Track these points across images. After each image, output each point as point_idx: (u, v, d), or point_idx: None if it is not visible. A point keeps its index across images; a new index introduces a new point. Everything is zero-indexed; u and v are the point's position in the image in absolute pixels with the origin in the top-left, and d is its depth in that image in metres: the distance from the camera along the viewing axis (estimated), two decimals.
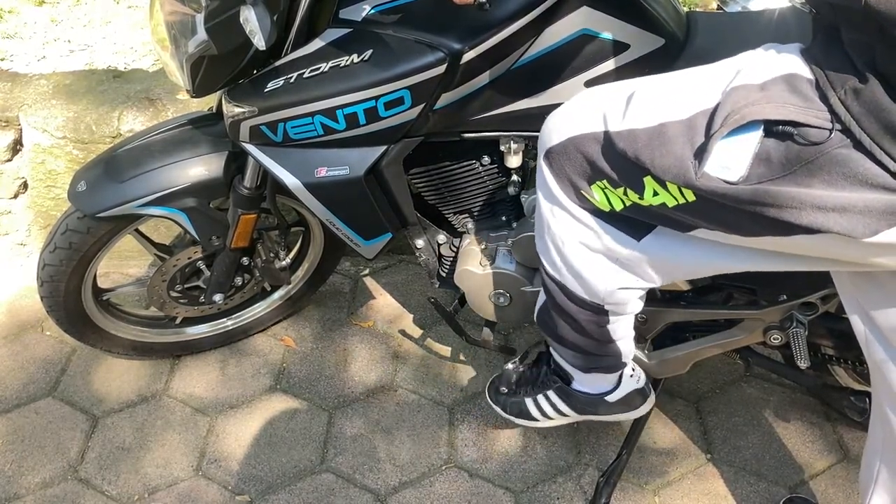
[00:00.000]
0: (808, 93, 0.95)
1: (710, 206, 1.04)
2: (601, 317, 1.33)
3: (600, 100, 1.17)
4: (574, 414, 1.61)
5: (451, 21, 1.32)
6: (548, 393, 1.61)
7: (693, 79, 1.09)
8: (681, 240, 1.17)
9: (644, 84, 1.14)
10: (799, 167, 0.94)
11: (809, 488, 1.74)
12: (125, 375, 1.97)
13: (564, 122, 1.20)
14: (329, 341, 2.08)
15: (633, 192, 1.12)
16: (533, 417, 1.66)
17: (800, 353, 1.49)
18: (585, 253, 1.25)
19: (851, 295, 1.17)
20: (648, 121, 1.06)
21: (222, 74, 1.42)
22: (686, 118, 1.03)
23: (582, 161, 1.16)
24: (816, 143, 0.93)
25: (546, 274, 1.35)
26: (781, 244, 1.06)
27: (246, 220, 1.69)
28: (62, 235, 1.66)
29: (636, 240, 1.21)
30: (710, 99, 1.02)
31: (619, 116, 1.10)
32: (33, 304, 2.11)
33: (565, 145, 1.18)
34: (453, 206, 1.65)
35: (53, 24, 2.91)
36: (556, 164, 1.21)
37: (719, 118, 0.98)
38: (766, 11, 1.50)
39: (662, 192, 1.07)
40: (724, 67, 1.06)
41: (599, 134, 1.13)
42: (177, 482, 1.74)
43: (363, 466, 1.77)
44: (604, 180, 1.15)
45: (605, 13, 1.34)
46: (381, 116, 1.38)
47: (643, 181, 1.09)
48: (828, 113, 0.93)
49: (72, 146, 2.10)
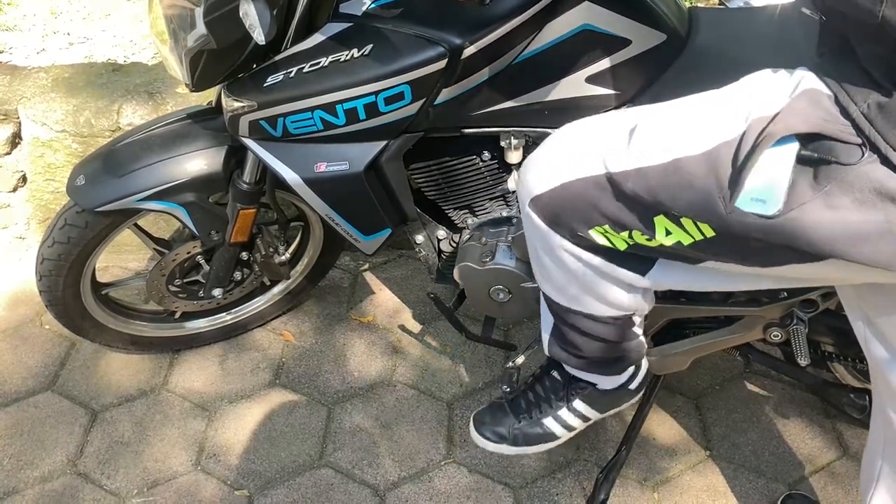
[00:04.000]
0: (830, 108, 0.92)
1: (732, 241, 1.00)
2: (629, 322, 1.33)
3: (590, 139, 1.12)
4: (597, 415, 1.55)
5: (452, 16, 1.32)
6: (573, 404, 1.53)
7: (702, 108, 1.04)
8: (689, 269, 1.15)
9: (643, 117, 1.09)
10: (829, 185, 0.91)
11: (809, 485, 1.74)
12: (124, 370, 1.97)
13: (551, 168, 1.15)
14: (328, 336, 2.08)
15: (639, 234, 1.08)
16: (555, 437, 1.55)
17: (800, 351, 1.49)
18: (600, 280, 1.23)
19: (852, 297, 1.17)
20: (660, 157, 1.01)
21: (222, 69, 1.42)
22: (705, 151, 0.98)
23: (580, 207, 1.11)
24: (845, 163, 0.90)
25: (564, 308, 1.30)
26: (804, 271, 1.02)
27: (245, 214, 1.69)
28: (61, 230, 1.65)
29: (641, 275, 1.20)
30: (730, 129, 0.97)
31: (622, 155, 1.05)
32: (32, 298, 2.10)
33: (557, 192, 1.13)
34: (453, 202, 1.64)
35: (53, 17, 2.90)
36: (548, 211, 1.16)
37: (746, 146, 0.94)
38: (767, 8, 1.49)
39: (677, 230, 1.03)
40: (733, 94, 1.02)
41: (601, 178, 1.07)
42: (176, 476, 1.74)
43: (362, 461, 1.77)
44: (605, 225, 1.11)
45: (607, 8, 1.34)
46: (381, 111, 1.38)
47: (654, 221, 1.05)
48: (852, 127, 0.90)
49: (71, 140, 2.09)
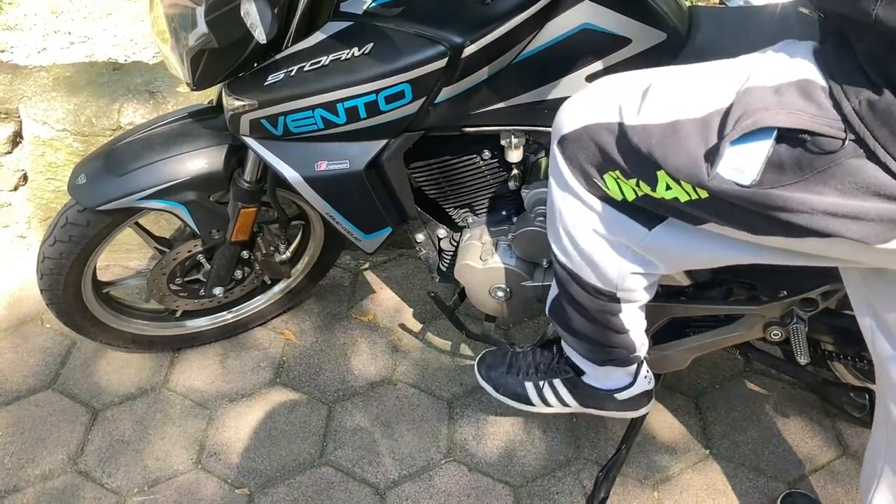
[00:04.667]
0: (822, 100, 0.93)
1: (723, 205, 1.03)
2: (613, 304, 1.33)
3: (617, 89, 1.16)
4: (576, 405, 1.59)
5: (453, 15, 1.32)
6: (554, 381, 1.58)
7: (708, 75, 1.08)
8: (692, 232, 1.16)
9: (660, 77, 1.13)
10: (811, 175, 0.94)
11: (809, 484, 1.74)
12: (125, 368, 1.97)
13: (580, 110, 1.19)
14: (329, 335, 2.08)
15: (645, 185, 1.11)
16: (530, 402, 1.63)
17: (800, 349, 1.49)
18: (597, 240, 1.25)
19: (860, 290, 1.17)
20: (663, 117, 1.06)
21: (223, 67, 1.42)
22: (700, 117, 1.02)
23: (595, 150, 1.16)
24: (829, 153, 0.92)
25: (557, 263, 1.34)
26: (792, 244, 1.05)
27: (246, 213, 1.69)
28: (62, 228, 1.66)
29: (647, 229, 1.21)
30: (725, 98, 1.01)
31: (635, 110, 1.10)
32: (33, 297, 2.10)
33: (579, 133, 1.17)
34: (454, 201, 1.65)
35: (54, 16, 2.91)
36: (570, 152, 1.20)
37: (731, 120, 0.97)
38: (768, 7, 1.49)
39: (676, 186, 1.07)
40: (738, 65, 1.05)
41: (614, 125, 1.12)
42: (176, 475, 1.74)
43: (362, 460, 1.78)
44: (616, 171, 1.14)
45: (607, 7, 1.34)
46: (381, 110, 1.38)
47: (656, 175, 1.08)
48: (841, 122, 0.92)
49: (72, 139, 2.09)
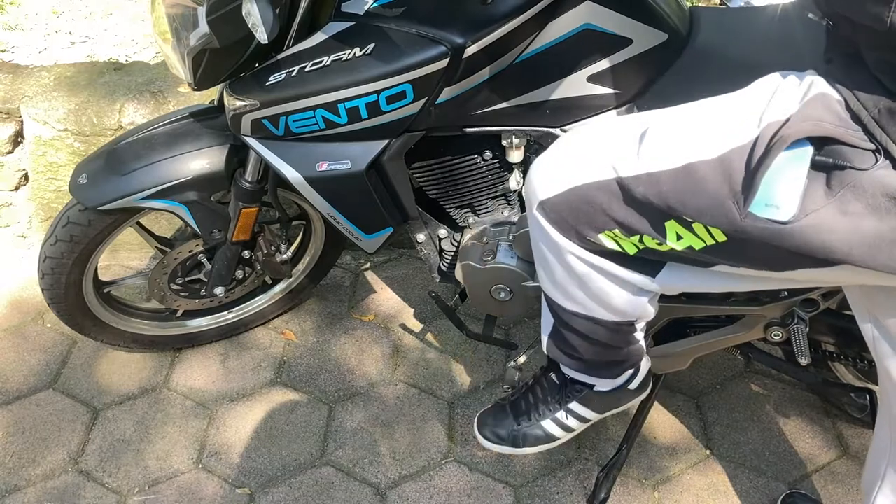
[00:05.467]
0: (842, 113, 0.92)
1: (744, 246, 1.00)
2: (630, 328, 1.32)
3: (600, 143, 1.12)
4: (596, 416, 1.55)
5: (454, 15, 1.32)
6: (570, 406, 1.52)
7: (714, 113, 1.04)
8: (700, 272, 1.15)
9: (654, 121, 1.09)
10: (842, 190, 0.91)
11: (809, 484, 1.74)
12: (126, 368, 1.97)
13: (559, 172, 1.15)
14: (330, 335, 2.08)
15: (650, 239, 1.08)
16: (555, 437, 1.56)
17: (801, 350, 1.49)
18: (605, 285, 1.22)
19: (860, 298, 1.17)
20: (671, 162, 1.02)
21: (224, 67, 1.42)
22: (717, 156, 0.98)
23: (589, 211, 1.11)
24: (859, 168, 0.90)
25: (566, 311, 1.30)
26: (815, 275, 1.02)
27: (247, 213, 1.69)
28: (63, 228, 1.66)
29: (651, 278, 1.20)
30: (742, 133, 0.97)
31: (633, 159, 1.05)
32: (34, 297, 2.11)
33: (566, 197, 1.13)
34: (455, 201, 1.65)
35: (55, 16, 2.91)
36: (556, 215, 1.16)
37: (759, 150, 0.94)
38: (769, 7, 1.49)
39: (688, 235, 1.04)
40: (745, 98, 1.02)
41: (611, 182, 1.08)
42: (177, 475, 1.75)
43: (363, 460, 1.78)
44: (615, 229, 1.11)
45: (608, 8, 1.34)
46: (382, 110, 1.38)
47: (664, 226, 1.05)
48: (863, 132, 0.90)
49: (73, 138, 2.09)
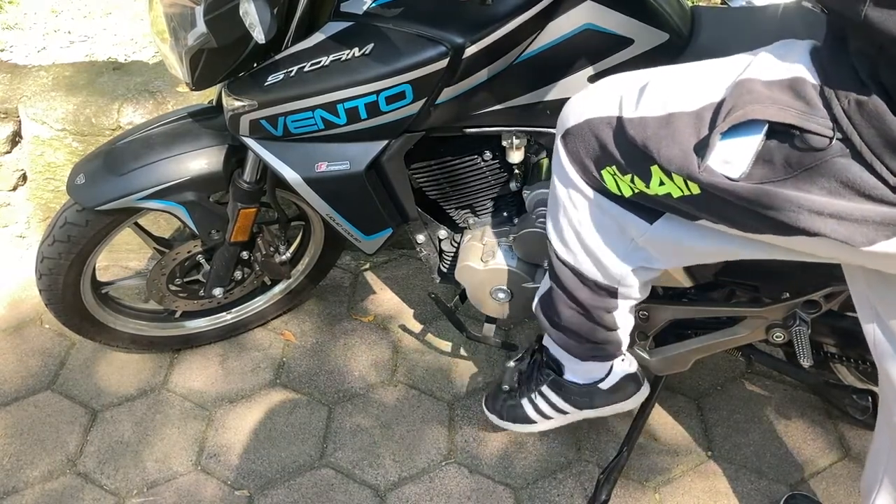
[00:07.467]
0: (813, 98, 0.94)
1: (714, 201, 1.04)
2: (611, 301, 1.33)
3: (619, 85, 1.18)
4: (571, 409, 1.58)
5: (454, 15, 1.31)
6: (542, 389, 1.59)
7: (704, 70, 1.09)
8: (690, 227, 1.17)
9: (659, 73, 1.15)
10: (800, 171, 0.95)
11: (811, 486, 1.74)
12: (124, 369, 1.97)
13: (583, 104, 1.21)
14: (329, 336, 2.07)
15: (640, 181, 1.12)
16: (531, 420, 1.63)
17: (802, 351, 1.48)
18: (601, 234, 1.26)
19: (863, 293, 1.16)
20: (659, 110, 1.07)
21: (222, 67, 1.41)
22: (694, 110, 1.04)
23: (594, 144, 1.17)
24: (817, 150, 0.93)
25: (557, 259, 1.34)
26: (781, 242, 1.06)
27: (246, 214, 1.69)
28: (61, 228, 1.65)
29: (649, 223, 1.21)
30: (718, 92, 1.02)
31: (633, 104, 1.11)
32: (32, 297, 2.10)
33: (581, 127, 1.19)
34: (455, 202, 1.64)
35: (53, 15, 2.90)
36: (571, 146, 1.21)
37: (722, 112, 0.98)
38: (770, 7, 1.49)
39: (668, 182, 1.08)
40: (735, 61, 1.06)
41: (613, 118, 1.14)
42: (176, 476, 1.74)
43: (363, 461, 1.77)
44: (613, 166, 1.16)
45: (609, 8, 1.33)
46: (382, 111, 1.37)
47: (650, 170, 1.09)
48: (829, 120, 0.93)
49: (71, 138, 2.09)
